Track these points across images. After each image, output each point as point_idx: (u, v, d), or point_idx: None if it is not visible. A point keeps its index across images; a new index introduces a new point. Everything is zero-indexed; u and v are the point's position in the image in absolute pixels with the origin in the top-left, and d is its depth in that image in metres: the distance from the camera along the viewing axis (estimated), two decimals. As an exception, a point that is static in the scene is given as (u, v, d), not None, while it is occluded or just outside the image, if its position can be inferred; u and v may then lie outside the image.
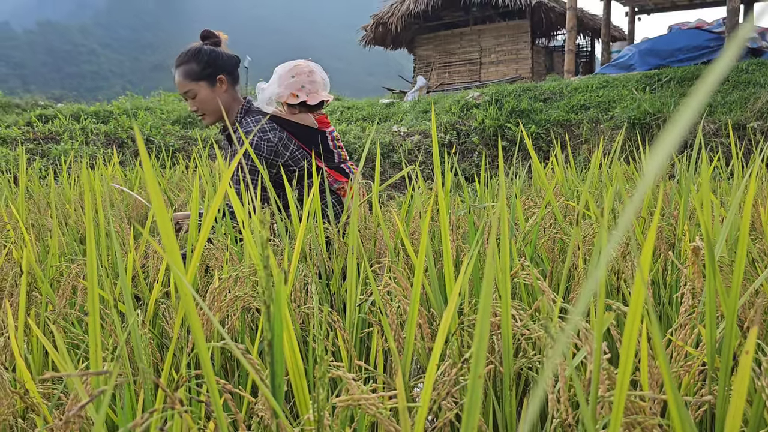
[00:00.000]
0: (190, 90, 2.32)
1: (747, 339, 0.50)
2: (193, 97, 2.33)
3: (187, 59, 2.32)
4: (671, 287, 1.54)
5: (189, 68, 2.31)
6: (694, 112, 0.21)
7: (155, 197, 0.57)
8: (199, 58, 2.32)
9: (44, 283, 1.34)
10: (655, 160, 0.21)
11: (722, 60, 0.22)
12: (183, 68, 2.32)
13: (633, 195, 0.23)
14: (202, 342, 0.61)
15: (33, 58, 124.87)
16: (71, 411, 0.60)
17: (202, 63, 2.32)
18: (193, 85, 2.31)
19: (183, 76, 2.31)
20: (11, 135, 7.21)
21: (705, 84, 0.21)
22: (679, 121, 0.21)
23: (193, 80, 2.31)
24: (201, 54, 2.33)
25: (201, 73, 2.31)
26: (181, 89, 2.34)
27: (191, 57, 2.32)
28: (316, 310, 0.99)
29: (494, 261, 0.73)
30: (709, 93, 0.20)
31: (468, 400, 0.54)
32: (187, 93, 2.33)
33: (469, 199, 1.82)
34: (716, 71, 0.22)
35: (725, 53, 0.22)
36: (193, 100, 2.34)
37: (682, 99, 8.19)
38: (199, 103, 2.33)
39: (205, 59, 2.33)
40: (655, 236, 1.67)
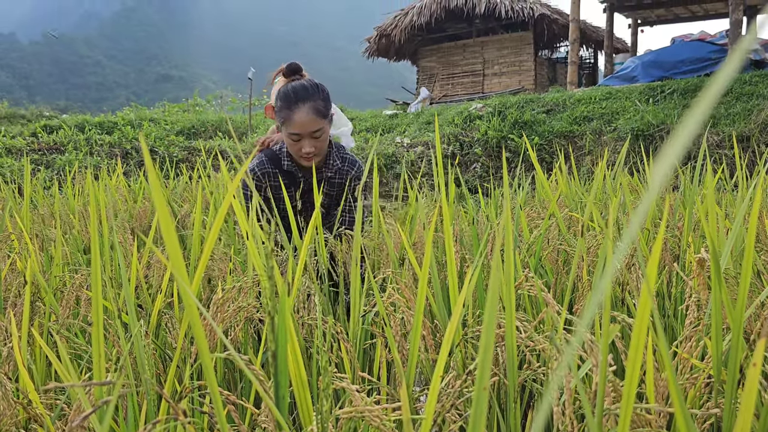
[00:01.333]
0: (320, 129, 2.11)
1: (754, 352, 0.50)
2: (320, 136, 2.12)
3: (315, 95, 2.11)
4: (676, 299, 1.54)
5: (319, 105, 2.10)
6: (697, 124, 0.21)
7: (160, 207, 0.57)
8: (324, 95, 2.14)
9: (48, 293, 1.34)
10: (659, 171, 0.21)
11: (724, 71, 0.22)
12: (312, 104, 2.09)
13: (637, 206, 0.23)
14: (206, 353, 0.60)
15: (38, 69, 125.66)
16: (74, 422, 0.59)
17: (327, 100, 2.14)
18: (323, 123, 2.11)
19: (315, 113, 2.09)
20: (16, 145, 7.24)
21: (707, 96, 0.21)
22: (682, 133, 0.21)
23: (323, 118, 2.11)
24: (324, 90, 2.16)
25: (327, 110, 2.14)
26: (311, 127, 2.10)
27: (318, 93, 2.13)
28: (319, 321, 0.98)
29: (499, 272, 0.73)
30: (711, 105, 0.20)
31: (473, 412, 0.53)
32: (316, 132, 2.11)
33: (472, 210, 1.82)
34: (718, 83, 0.22)
35: (727, 65, 0.22)
36: (316, 140, 2.13)
37: (685, 111, 8.20)
38: (321, 142, 2.14)
39: (327, 96, 2.16)
40: (661, 248, 1.66)
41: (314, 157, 2.15)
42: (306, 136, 2.10)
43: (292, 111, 2.08)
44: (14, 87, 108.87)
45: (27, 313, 0.98)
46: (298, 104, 2.08)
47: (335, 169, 2.28)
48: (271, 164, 2.27)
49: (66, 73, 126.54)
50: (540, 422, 0.32)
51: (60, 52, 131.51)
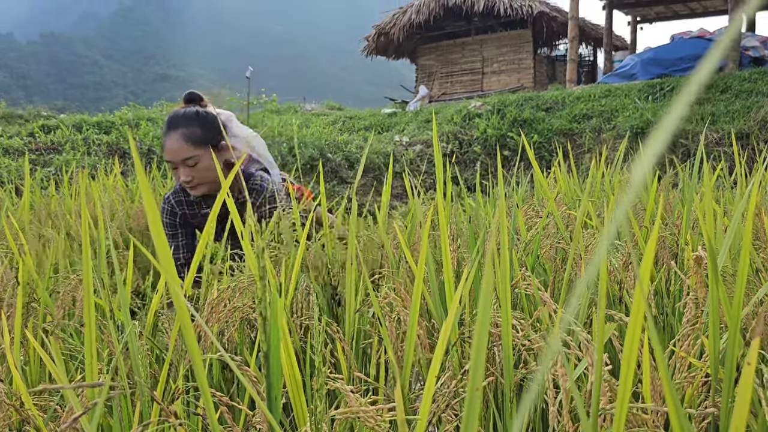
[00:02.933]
0: (191, 157, 2.02)
1: (749, 350, 0.49)
2: (193, 165, 2.03)
3: (187, 122, 2.04)
4: (674, 297, 1.53)
5: (191, 132, 2.02)
6: (678, 121, 0.20)
7: (150, 208, 0.56)
8: (202, 122, 2.06)
9: (43, 294, 1.33)
10: (641, 167, 0.21)
11: (704, 68, 0.21)
12: (182, 131, 2.02)
13: (622, 202, 0.23)
14: (197, 355, 0.60)
15: (36, 69, 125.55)
16: (64, 424, 0.59)
17: (206, 127, 2.06)
18: (195, 150, 2.02)
19: (184, 140, 2.01)
20: (13, 145, 7.24)
21: (686, 94, 0.21)
22: (662, 132, 0.20)
23: (195, 145, 2.02)
24: (204, 117, 2.07)
25: (205, 137, 2.04)
26: (179, 155, 2.02)
27: (193, 119, 2.05)
28: (315, 321, 0.98)
29: (492, 270, 0.72)
30: (690, 103, 0.20)
31: (466, 413, 0.53)
32: (187, 160, 2.02)
33: (470, 209, 1.81)
34: (697, 81, 0.21)
35: (706, 61, 0.21)
36: (191, 169, 2.04)
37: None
38: (197, 171, 2.04)
39: (209, 123, 2.07)
40: (655, 247, 1.66)
41: (198, 187, 2.08)
42: (180, 164, 2.04)
43: (165, 138, 2.06)
44: (12, 87, 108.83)
45: (20, 313, 0.98)
46: (169, 131, 2.04)
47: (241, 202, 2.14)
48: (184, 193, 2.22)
49: (64, 73, 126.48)
50: (525, 407, 0.31)
51: (58, 51, 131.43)
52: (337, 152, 8.53)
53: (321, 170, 1.68)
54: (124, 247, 2.77)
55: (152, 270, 2.13)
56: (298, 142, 8.39)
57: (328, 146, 8.58)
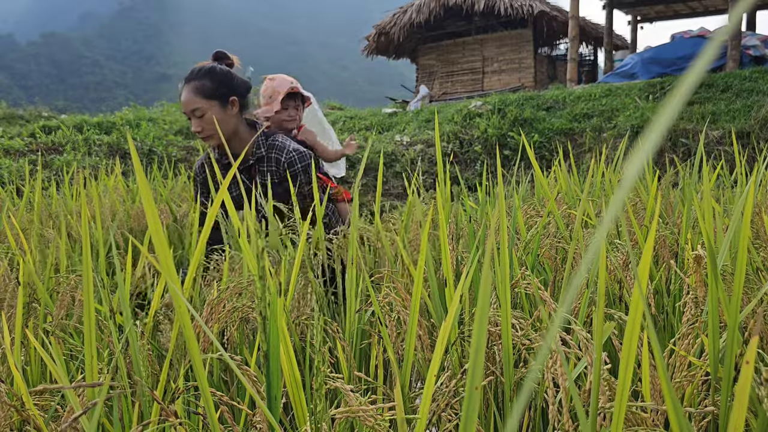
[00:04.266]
0: (199, 108, 2.17)
1: (747, 349, 0.49)
2: (201, 116, 2.18)
3: (199, 76, 2.20)
4: (674, 296, 1.53)
5: (201, 85, 2.18)
6: (671, 119, 0.21)
7: (149, 209, 0.57)
8: (213, 76, 2.21)
9: (43, 294, 1.33)
10: (633, 166, 0.21)
11: (699, 65, 0.21)
12: (194, 84, 2.18)
13: (616, 200, 0.23)
14: (197, 355, 0.60)
15: (37, 70, 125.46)
16: (64, 424, 0.59)
17: (216, 81, 2.20)
18: (203, 102, 2.17)
19: (194, 92, 2.17)
20: (14, 146, 7.24)
21: (679, 94, 0.21)
22: (656, 128, 0.20)
23: (204, 98, 2.18)
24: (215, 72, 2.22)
25: (214, 91, 2.19)
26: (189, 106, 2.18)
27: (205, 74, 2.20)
28: (316, 321, 0.98)
29: (491, 269, 0.72)
30: (685, 101, 0.20)
31: (464, 412, 0.53)
32: (195, 111, 2.18)
33: (470, 209, 1.81)
34: (691, 79, 0.21)
35: (700, 58, 0.21)
36: (199, 120, 2.19)
37: (685, 107, 8.19)
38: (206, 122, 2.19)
39: (219, 78, 2.22)
40: (653, 247, 1.66)
41: (209, 138, 2.22)
42: (189, 115, 2.21)
43: (181, 89, 2.22)
44: (12, 87, 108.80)
45: (20, 313, 0.98)
46: (184, 83, 2.21)
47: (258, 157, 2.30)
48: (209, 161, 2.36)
49: (64, 74, 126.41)
50: (520, 407, 0.31)
51: (58, 52, 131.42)
52: (338, 152, 8.52)
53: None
54: (125, 247, 2.78)
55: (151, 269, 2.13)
56: (298, 142, 8.38)
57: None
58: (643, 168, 2.62)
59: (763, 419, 0.90)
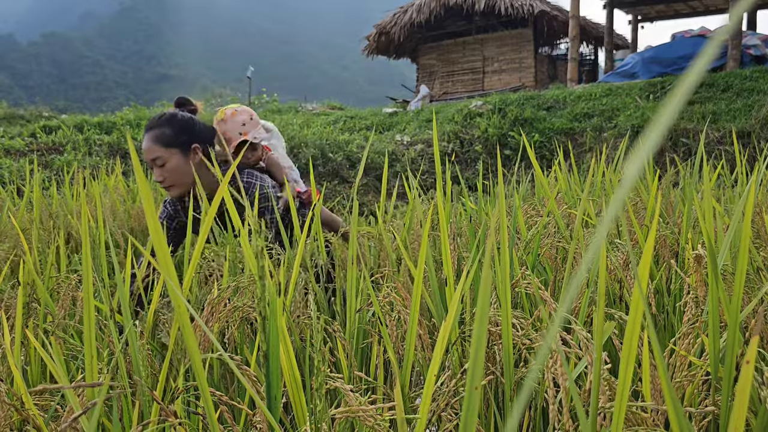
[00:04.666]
0: (159, 157, 2.11)
1: (748, 348, 0.49)
2: (161, 165, 2.11)
3: (159, 124, 2.14)
4: (675, 295, 1.53)
5: (161, 133, 2.12)
6: (670, 119, 0.21)
7: (148, 208, 0.57)
8: (172, 124, 2.14)
9: (44, 294, 1.33)
10: (633, 166, 0.21)
11: (698, 64, 0.21)
12: (154, 132, 2.12)
13: (616, 199, 0.23)
14: (197, 355, 0.60)
15: (37, 70, 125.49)
16: (63, 424, 0.59)
17: (176, 129, 2.14)
18: (163, 151, 2.11)
19: (153, 140, 2.11)
20: (15, 146, 7.24)
21: (679, 94, 0.21)
22: (655, 128, 0.20)
23: (164, 146, 2.11)
24: (175, 120, 2.16)
25: (174, 139, 2.12)
26: (149, 155, 2.12)
27: (165, 122, 2.14)
28: (314, 320, 0.98)
29: (491, 268, 0.72)
30: (685, 101, 0.20)
31: (464, 412, 0.53)
32: (156, 160, 2.11)
33: (470, 209, 1.81)
34: (690, 79, 0.21)
35: (700, 57, 0.21)
36: (161, 169, 2.12)
37: (685, 107, 8.19)
38: (167, 172, 2.12)
39: (179, 125, 2.15)
40: (653, 247, 1.65)
41: (172, 188, 2.16)
42: (151, 164, 2.15)
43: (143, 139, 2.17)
44: (13, 87, 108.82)
45: (20, 313, 0.98)
46: (145, 133, 2.16)
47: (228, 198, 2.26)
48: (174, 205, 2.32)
49: (65, 73, 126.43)
50: (520, 407, 0.31)
51: (59, 52, 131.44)
52: (338, 152, 8.53)
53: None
54: (126, 247, 2.78)
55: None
56: (299, 141, 8.39)
57: (329, 146, 8.58)
58: (644, 168, 2.62)
59: (764, 419, 0.90)
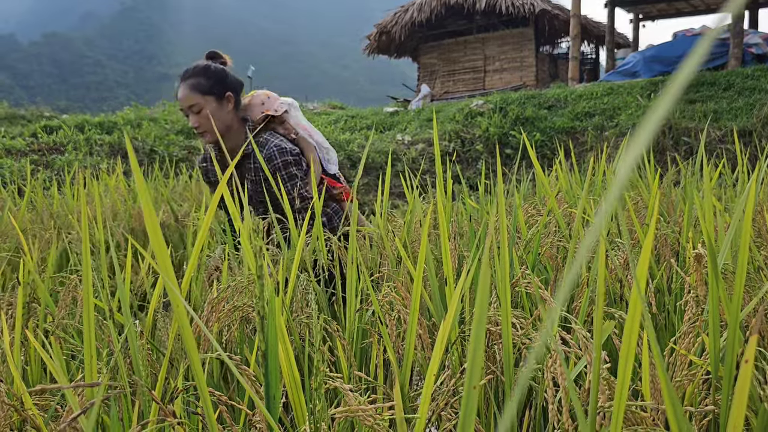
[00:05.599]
0: (196, 104, 2.27)
1: (746, 347, 0.49)
2: (198, 111, 2.28)
3: (195, 74, 2.29)
4: (676, 294, 1.53)
5: (197, 82, 2.27)
6: (661, 118, 0.20)
7: (147, 208, 0.56)
8: (208, 74, 2.30)
9: (44, 294, 1.33)
10: (625, 165, 0.21)
11: (690, 63, 0.21)
12: (191, 81, 2.28)
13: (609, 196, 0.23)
14: (196, 356, 0.60)
15: (38, 70, 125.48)
16: (63, 424, 0.59)
17: (212, 78, 2.30)
18: (200, 98, 2.27)
19: (191, 89, 2.27)
20: (16, 146, 7.25)
21: (670, 93, 0.21)
22: (644, 131, 0.20)
23: (201, 94, 2.27)
24: (210, 70, 2.32)
25: (210, 88, 2.29)
26: (186, 102, 2.28)
27: (200, 72, 2.30)
28: (314, 320, 0.98)
29: (490, 266, 0.72)
30: (675, 101, 0.20)
31: (462, 411, 0.53)
32: (192, 107, 2.27)
33: (471, 208, 1.81)
34: (682, 78, 0.21)
35: (692, 56, 0.21)
36: (197, 116, 2.29)
37: (687, 106, 8.18)
38: (203, 118, 2.28)
39: (214, 75, 2.31)
40: (654, 246, 1.65)
41: (205, 134, 2.31)
42: (187, 111, 2.29)
43: (178, 87, 2.31)
44: (14, 87, 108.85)
45: (20, 313, 0.98)
46: (181, 81, 2.30)
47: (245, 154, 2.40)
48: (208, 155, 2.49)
49: (66, 73, 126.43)
50: (516, 399, 0.31)
51: (60, 52, 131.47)
52: (339, 151, 8.53)
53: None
54: (127, 246, 2.78)
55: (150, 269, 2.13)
56: (300, 141, 8.38)
57: (331, 145, 8.57)
58: (643, 166, 2.62)
59: (764, 418, 0.90)
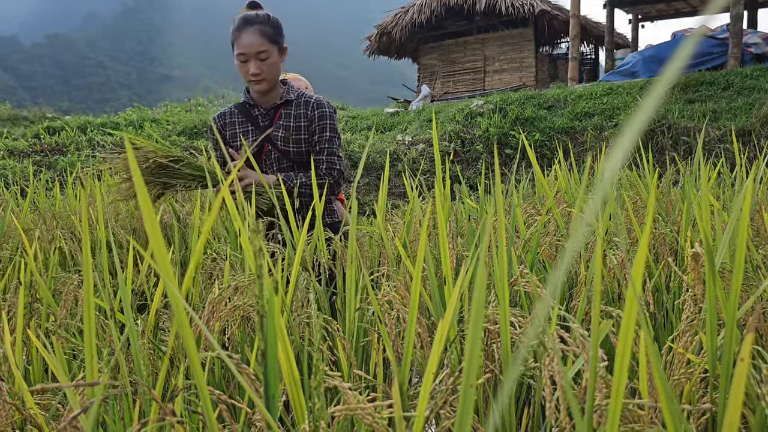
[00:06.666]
0: (264, 51, 2.21)
1: (742, 346, 0.50)
2: (264, 59, 2.22)
3: (262, 21, 2.23)
4: (674, 293, 1.53)
5: (265, 29, 2.21)
6: (648, 116, 0.21)
7: (145, 207, 0.57)
8: (273, 23, 2.25)
9: (46, 294, 1.34)
10: (612, 163, 0.21)
11: (671, 69, 0.22)
12: (259, 27, 2.21)
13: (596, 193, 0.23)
14: (195, 356, 0.60)
15: (41, 71, 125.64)
16: (63, 423, 0.60)
17: (275, 28, 2.25)
18: (268, 46, 2.21)
19: (261, 35, 2.20)
20: (18, 147, 7.26)
21: (654, 94, 0.21)
22: (630, 130, 0.21)
23: (269, 41, 2.21)
24: (273, 19, 2.26)
25: (275, 37, 2.24)
26: (254, 48, 2.20)
27: (266, 20, 2.24)
28: (314, 319, 0.98)
29: (488, 267, 0.73)
30: (659, 103, 0.20)
31: (460, 409, 0.53)
32: (261, 53, 2.21)
33: (470, 208, 1.82)
34: (666, 79, 0.22)
35: (676, 58, 0.22)
36: (261, 63, 2.23)
37: (686, 106, 8.18)
38: (267, 65, 2.24)
39: (277, 25, 2.27)
40: (654, 245, 1.65)
41: (263, 82, 2.25)
42: (252, 57, 2.21)
43: (241, 32, 2.21)
44: (17, 89, 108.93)
45: (21, 313, 0.98)
46: (246, 26, 2.20)
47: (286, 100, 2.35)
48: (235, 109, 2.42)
49: (68, 75, 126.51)
50: (506, 392, 0.32)
51: (62, 53, 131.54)
52: (340, 152, 8.53)
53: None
54: (128, 246, 2.78)
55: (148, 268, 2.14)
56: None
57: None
58: (643, 166, 2.62)
59: (761, 416, 0.90)
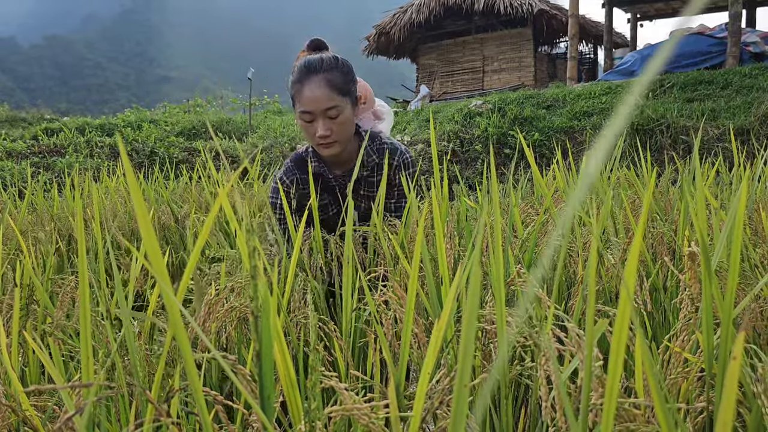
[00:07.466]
0: (336, 107, 1.76)
1: (734, 344, 0.50)
2: (335, 116, 1.77)
3: (329, 67, 1.77)
4: (671, 292, 1.53)
5: (333, 78, 1.76)
6: (625, 122, 0.21)
7: (139, 207, 0.57)
8: (342, 69, 1.80)
9: (42, 295, 1.34)
10: (592, 161, 0.21)
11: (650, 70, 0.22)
12: (326, 77, 1.76)
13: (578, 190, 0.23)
14: (190, 357, 0.60)
15: (39, 73, 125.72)
16: (58, 423, 0.60)
17: (346, 75, 1.81)
18: (340, 100, 1.76)
19: (329, 86, 1.75)
20: (16, 149, 7.26)
21: (634, 94, 0.21)
22: (610, 131, 0.21)
23: (340, 94, 1.76)
24: (343, 64, 1.82)
25: (347, 87, 1.79)
26: (324, 104, 1.75)
27: (334, 66, 1.79)
28: (311, 319, 0.98)
29: (479, 266, 0.73)
30: (637, 104, 0.20)
31: (453, 409, 0.53)
32: (330, 110, 1.75)
33: (469, 208, 1.81)
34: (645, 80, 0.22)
35: (652, 62, 0.22)
36: (332, 121, 1.77)
37: (685, 105, 8.18)
38: (338, 125, 1.78)
39: (348, 71, 1.82)
40: (648, 245, 1.65)
41: (334, 144, 1.81)
42: (319, 116, 1.76)
43: (303, 84, 1.77)
44: (15, 90, 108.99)
45: (17, 315, 0.98)
46: (310, 76, 1.76)
47: (371, 166, 1.96)
48: (299, 169, 1.97)
49: (67, 76, 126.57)
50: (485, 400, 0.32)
51: (60, 54, 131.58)
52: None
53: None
54: (127, 248, 2.78)
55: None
56: (300, 141, 8.40)
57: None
58: (642, 165, 2.63)
59: (758, 414, 0.90)
